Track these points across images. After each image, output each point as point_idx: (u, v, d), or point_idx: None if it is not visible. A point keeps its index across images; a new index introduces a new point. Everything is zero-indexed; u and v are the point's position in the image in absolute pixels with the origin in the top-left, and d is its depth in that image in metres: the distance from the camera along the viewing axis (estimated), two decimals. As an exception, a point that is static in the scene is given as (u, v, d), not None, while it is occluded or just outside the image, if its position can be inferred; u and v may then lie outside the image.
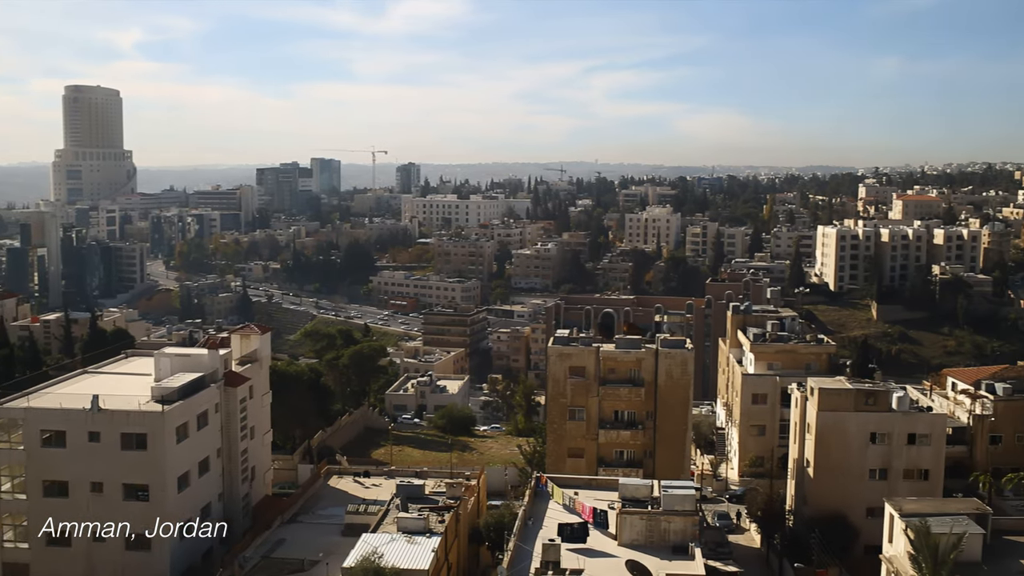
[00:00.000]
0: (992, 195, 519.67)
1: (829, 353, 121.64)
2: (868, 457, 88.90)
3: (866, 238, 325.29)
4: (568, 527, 68.82)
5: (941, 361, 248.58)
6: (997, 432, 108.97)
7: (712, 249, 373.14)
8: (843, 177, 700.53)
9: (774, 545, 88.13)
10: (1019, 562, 62.14)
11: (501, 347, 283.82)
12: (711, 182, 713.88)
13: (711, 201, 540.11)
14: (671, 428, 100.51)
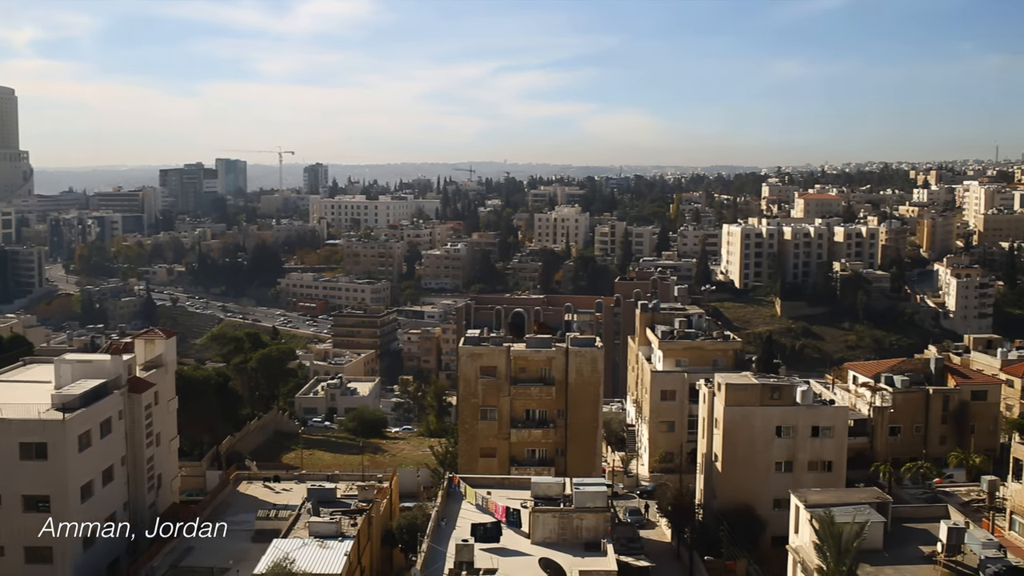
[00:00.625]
0: (889, 194, 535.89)
1: (735, 349, 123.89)
2: (774, 450, 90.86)
3: (770, 236, 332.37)
4: (481, 527, 68.86)
5: (842, 355, 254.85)
6: (896, 423, 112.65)
7: (620, 248, 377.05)
8: (747, 177, 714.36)
9: (684, 539, 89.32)
10: (918, 548, 64.20)
11: (412, 348, 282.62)
12: (619, 182, 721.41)
13: (619, 201, 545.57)
14: (582, 426, 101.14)
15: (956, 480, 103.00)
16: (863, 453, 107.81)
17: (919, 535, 66.62)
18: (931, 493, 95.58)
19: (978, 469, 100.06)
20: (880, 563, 61.48)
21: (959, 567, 60.94)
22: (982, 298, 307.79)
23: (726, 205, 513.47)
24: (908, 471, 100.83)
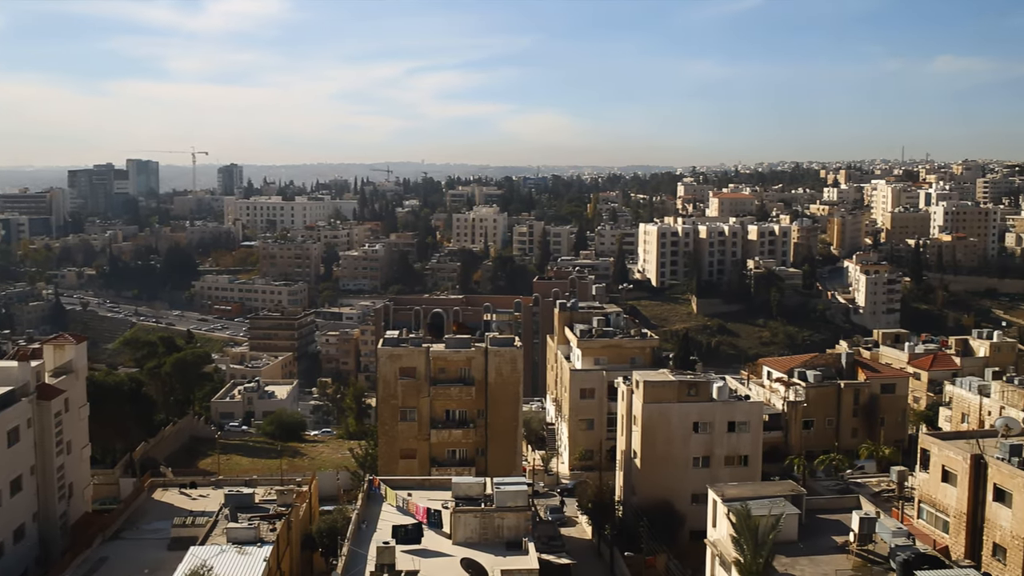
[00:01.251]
0: (800, 193, 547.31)
1: (653, 347, 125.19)
2: (691, 446, 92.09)
3: (685, 235, 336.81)
4: (402, 528, 68.55)
5: (757, 351, 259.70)
6: (809, 417, 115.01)
7: (538, 248, 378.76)
8: (663, 176, 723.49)
9: (605, 536, 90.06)
10: (831, 538, 65.64)
11: (330, 350, 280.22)
12: (536, 182, 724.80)
13: (537, 200, 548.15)
14: (502, 425, 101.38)
15: (867, 471, 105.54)
16: (778, 447, 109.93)
17: (832, 526, 68.13)
18: (843, 485, 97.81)
19: (888, 460, 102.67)
20: (795, 554, 62.72)
21: (871, 555, 62.47)
22: (890, 294, 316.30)
23: (643, 205, 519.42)
24: (821, 463, 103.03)
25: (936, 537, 73.08)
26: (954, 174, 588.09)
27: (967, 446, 73.39)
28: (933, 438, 78.71)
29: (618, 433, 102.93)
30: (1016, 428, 77.18)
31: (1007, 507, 68.14)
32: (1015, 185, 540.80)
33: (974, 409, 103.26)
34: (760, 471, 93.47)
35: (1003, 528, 68.49)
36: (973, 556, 70.16)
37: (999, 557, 68.80)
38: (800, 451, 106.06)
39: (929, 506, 76.79)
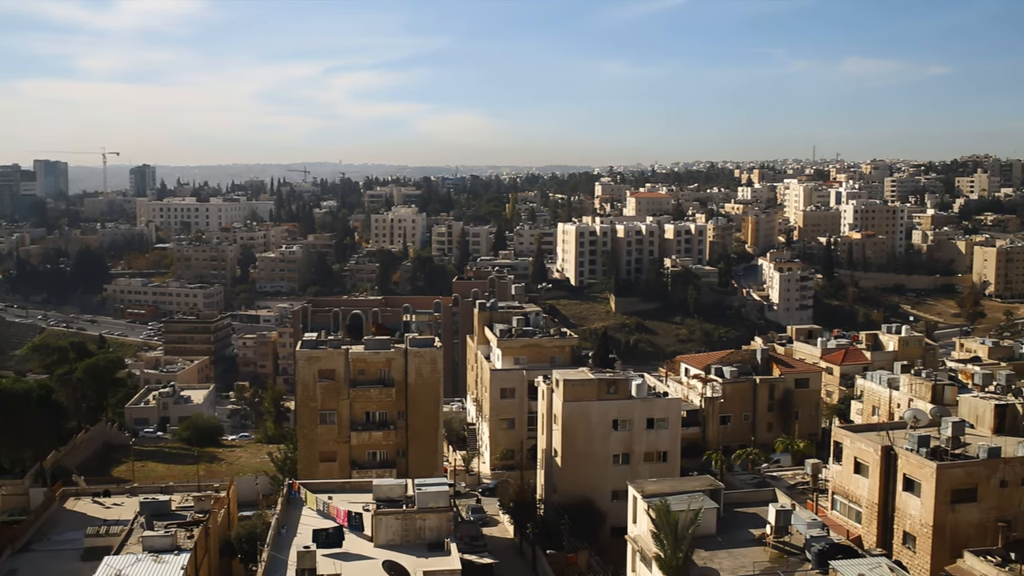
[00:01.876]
0: (715, 192, 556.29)
1: (572, 346, 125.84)
2: (611, 443, 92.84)
3: (603, 234, 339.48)
4: (323, 532, 67.90)
5: (675, 349, 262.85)
6: (726, 412, 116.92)
7: (458, 248, 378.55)
8: (581, 176, 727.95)
9: (527, 534, 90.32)
10: (748, 531, 66.75)
11: (247, 353, 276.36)
12: (455, 182, 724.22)
13: (455, 201, 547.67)
14: (423, 426, 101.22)
15: (782, 465, 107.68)
16: (696, 442, 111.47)
17: (750, 519, 69.30)
18: (760, 478, 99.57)
19: (802, 453, 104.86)
20: (714, 548, 63.66)
21: (787, 547, 63.68)
22: (803, 291, 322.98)
23: (561, 204, 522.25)
24: (738, 458, 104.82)
25: (849, 527, 74.88)
26: (863, 173, 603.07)
27: (878, 438, 75.32)
28: (845, 431, 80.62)
29: (539, 432, 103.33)
30: (924, 419, 79.47)
31: (916, 496, 70.10)
32: (921, 184, 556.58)
33: (884, 402, 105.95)
34: (679, 467, 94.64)
35: (913, 517, 70.43)
36: (885, 545, 72.05)
37: (909, 545, 70.77)
38: (718, 446, 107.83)
39: (842, 497, 78.60)
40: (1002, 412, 79.19)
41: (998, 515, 68.19)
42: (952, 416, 78.47)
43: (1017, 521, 68.87)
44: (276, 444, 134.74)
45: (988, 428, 78.61)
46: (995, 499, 69.49)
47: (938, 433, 74.68)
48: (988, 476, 69.56)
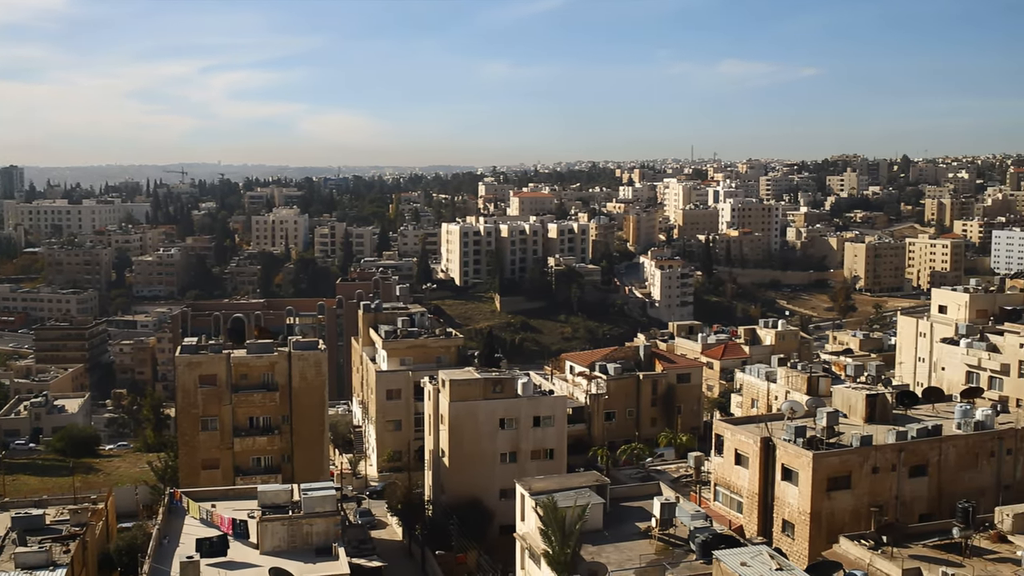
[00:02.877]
0: (597, 191, 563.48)
1: (458, 345, 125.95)
2: (498, 442, 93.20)
3: (487, 234, 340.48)
4: (207, 541, 66.47)
5: (560, 347, 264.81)
6: (611, 408, 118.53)
7: (341, 249, 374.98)
8: (464, 176, 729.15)
9: (415, 536, 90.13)
10: (634, 525, 67.86)
11: (125, 360, 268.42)
12: (337, 182, 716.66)
13: (338, 201, 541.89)
14: (308, 430, 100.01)
15: (666, 458, 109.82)
16: (582, 439, 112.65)
17: (636, 513, 70.45)
18: (645, 472, 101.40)
19: (685, 447, 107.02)
20: (601, 542, 64.51)
21: (672, 539, 64.96)
22: (683, 288, 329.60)
23: (445, 204, 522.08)
24: (623, 453, 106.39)
25: (731, 517, 76.75)
26: (740, 172, 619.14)
27: (757, 430, 77.37)
28: (726, 424, 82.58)
29: (426, 433, 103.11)
30: (800, 411, 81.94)
31: (794, 485, 72.25)
32: (794, 183, 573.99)
33: (762, 394, 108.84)
34: (566, 463, 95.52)
35: (791, 505, 72.57)
36: (765, 533, 74.08)
37: (788, 532, 72.90)
38: (603, 442, 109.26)
39: (724, 488, 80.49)
40: (873, 401, 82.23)
41: (871, 500, 70.86)
42: (826, 407, 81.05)
43: (888, 506, 71.73)
44: (156, 452, 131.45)
45: (860, 417, 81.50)
46: (868, 485, 72.15)
47: (814, 423, 77.13)
48: (861, 463, 72.18)
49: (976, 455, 77.06)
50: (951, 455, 75.84)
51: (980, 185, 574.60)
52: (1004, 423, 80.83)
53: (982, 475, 77.11)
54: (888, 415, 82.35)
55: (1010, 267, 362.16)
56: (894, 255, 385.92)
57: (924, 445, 75.09)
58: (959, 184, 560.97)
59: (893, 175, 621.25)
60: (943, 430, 77.18)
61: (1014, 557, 61.03)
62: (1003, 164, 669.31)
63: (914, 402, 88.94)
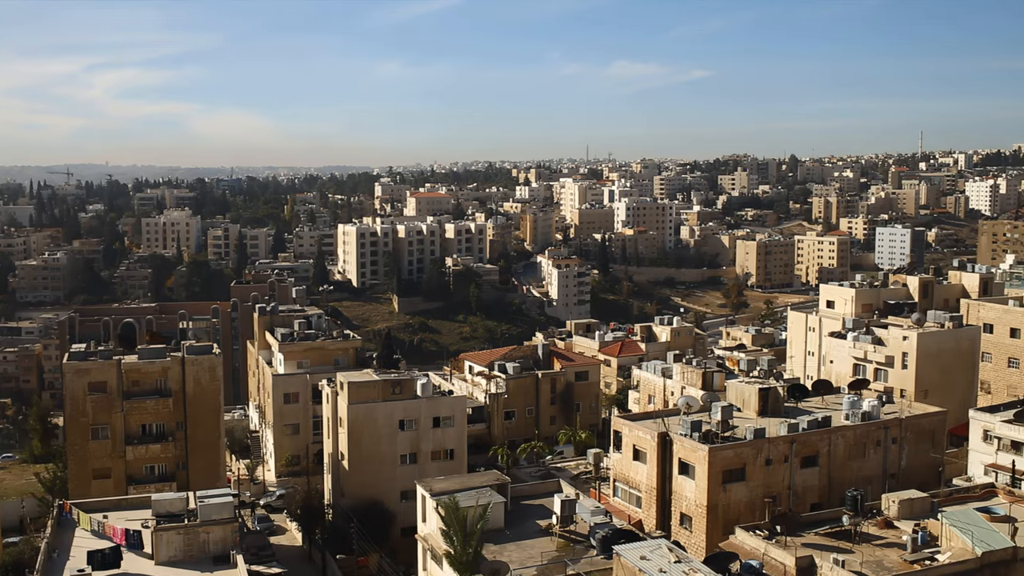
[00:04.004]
0: (494, 191, 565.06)
1: (356, 347, 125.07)
2: (398, 443, 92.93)
3: (384, 235, 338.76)
4: (99, 554, 64.65)
5: (458, 347, 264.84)
6: (511, 407, 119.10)
7: (235, 251, 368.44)
8: (360, 176, 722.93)
9: (316, 541, 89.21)
10: (536, 522, 68.32)
11: (9, 368, 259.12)
12: (231, 183, 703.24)
13: (232, 203, 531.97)
14: (203, 436, 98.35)
15: (566, 456, 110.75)
16: (482, 438, 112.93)
17: (537, 510, 70.94)
18: (545, 470, 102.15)
19: (584, 444, 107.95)
20: (503, 541, 64.77)
21: (573, 536, 65.57)
22: (580, 286, 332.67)
23: (341, 205, 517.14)
24: (523, 452, 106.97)
25: (631, 512, 77.81)
26: (634, 172, 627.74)
27: (654, 425, 78.58)
28: (624, 420, 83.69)
29: (325, 436, 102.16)
30: (696, 406, 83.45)
31: (691, 479, 73.62)
32: (687, 182, 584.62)
33: (659, 390, 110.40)
34: (466, 463, 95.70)
35: (688, 499, 73.92)
36: (664, 527, 75.27)
37: (686, 525, 74.24)
38: (503, 441, 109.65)
39: (623, 484, 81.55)
40: (765, 395, 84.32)
41: (765, 492, 72.61)
42: (721, 401, 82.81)
43: (781, 496, 73.59)
44: (44, 464, 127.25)
45: (753, 411, 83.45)
46: (762, 477, 73.94)
47: (709, 418, 78.66)
48: (755, 456, 73.93)
49: (864, 445, 79.67)
50: (840, 445, 78.25)
51: (864, 184, 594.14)
52: (889, 413, 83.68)
53: (869, 464, 79.77)
54: (780, 408, 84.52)
55: (893, 263, 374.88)
56: (784, 252, 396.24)
57: (815, 436, 77.29)
58: (844, 183, 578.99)
59: (782, 174, 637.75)
60: (832, 421, 79.63)
61: (900, 542, 63.26)
62: (885, 163, 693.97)
63: (804, 395, 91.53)
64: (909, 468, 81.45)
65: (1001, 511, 67.76)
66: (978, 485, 77.46)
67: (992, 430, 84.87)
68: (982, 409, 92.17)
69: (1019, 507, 69.08)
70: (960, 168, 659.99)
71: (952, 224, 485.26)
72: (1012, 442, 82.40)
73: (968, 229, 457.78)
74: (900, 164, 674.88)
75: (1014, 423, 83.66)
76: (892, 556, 61.54)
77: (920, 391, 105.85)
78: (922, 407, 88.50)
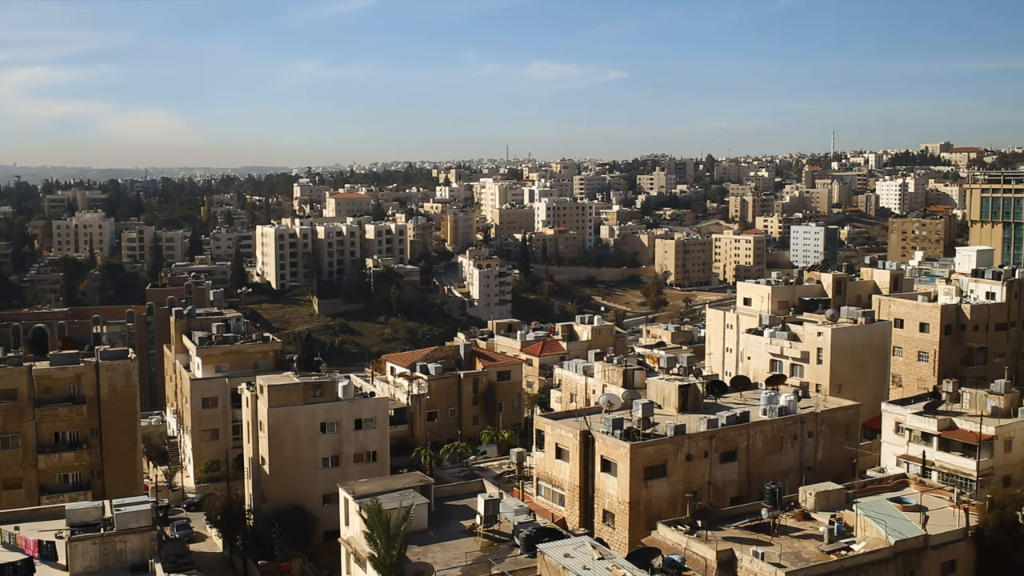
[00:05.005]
0: (414, 191, 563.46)
1: (275, 350, 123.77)
2: (320, 446, 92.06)
3: (304, 236, 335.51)
4: (10, 566, 63.00)
5: (380, 348, 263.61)
6: (433, 408, 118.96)
7: (151, 254, 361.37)
8: (278, 177, 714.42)
9: (236, 547, 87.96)
10: (459, 523, 68.34)
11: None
12: (145, 184, 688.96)
13: (147, 204, 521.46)
14: (119, 443, 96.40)
15: (489, 456, 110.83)
16: (405, 440, 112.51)
17: (460, 511, 70.95)
18: (468, 470, 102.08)
19: (507, 443, 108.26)
20: (427, 542, 64.64)
21: (497, 535, 65.71)
22: (501, 286, 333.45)
23: (259, 206, 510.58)
24: (446, 452, 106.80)
25: (554, 511, 78.23)
26: (554, 172, 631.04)
27: (576, 424, 79.13)
28: (546, 419, 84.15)
29: (244, 440, 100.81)
30: (617, 403, 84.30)
31: (613, 476, 74.27)
32: (606, 182, 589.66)
33: (581, 389, 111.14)
34: (389, 465, 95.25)
35: (611, 496, 74.56)
36: (587, 524, 75.88)
37: (609, 522, 74.88)
38: (426, 442, 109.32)
39: (546, 482, 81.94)
40: (685, 392, 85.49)
41: (686, 487, 73.60)
42: (642, 398, 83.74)
43: (702, 491, 74.66)
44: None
45: (674, 407, 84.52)
46: (683, 473, 74.93)
47: (630, 415, 79.46)
48: (676, 452, 74.87)
49: (781, 439, 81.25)
50: (758, 440, 79.68)
51: (779, 183, 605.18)
52: (805, 408, 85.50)
53: (787, 458, 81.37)
54: (700, 404, 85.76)
55: (807, 260, 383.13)
56: (702, 251, 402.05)
57: (733, 432, 78.58)
58: (760, 182, 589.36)
59: (699, 174, 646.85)
60: (750, 417, 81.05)
61: (817, 533, 64.69)
62: (799, 163, 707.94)
63: (723, 391, 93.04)
64: (825, 461, 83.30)
65: (913, 500, 69.82)
66: (891, 476, 79.69)
67: (903, 422, 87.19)
68: (894, 402, 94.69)
69: (930, 496, 71.22)
70: (871, 168, 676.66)
71: (863, 222, 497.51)
72: (923, 433, 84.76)
73: (879, 227, 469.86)
74: (813, 164, 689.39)
75: (924, 415, 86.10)
76: (809, 547, 62.87)
77: (835, 385, 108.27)
78: (837, 401, 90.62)
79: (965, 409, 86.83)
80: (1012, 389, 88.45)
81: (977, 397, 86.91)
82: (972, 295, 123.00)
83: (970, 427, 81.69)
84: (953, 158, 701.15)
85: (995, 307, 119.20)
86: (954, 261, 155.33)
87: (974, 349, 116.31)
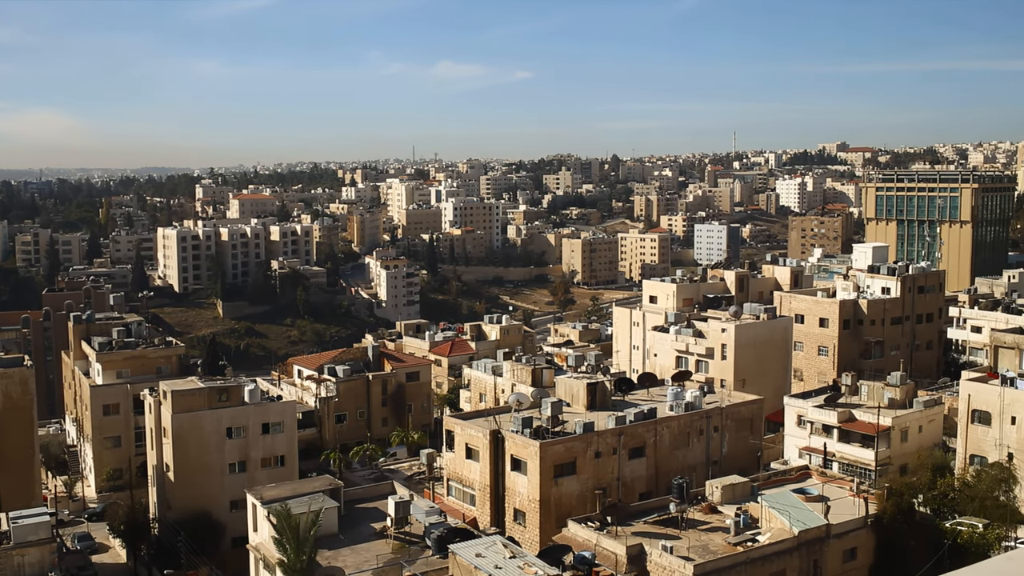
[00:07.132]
0: (320, 192, 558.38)
1: (179, 354, 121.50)
2: (226, 452, 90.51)
3: (207, 238, 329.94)
4: (-100, 582, 60.73)
5: (287, 351, 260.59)
6: (342, 411, 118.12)
7: (46, 257, 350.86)
8: (180, 178, 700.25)
9: (141, 557, 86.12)
10: (370, 525, 67.99)
11: None
12: (40, 186, 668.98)
13: (42, 207, 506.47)
14: (15, 454, 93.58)
15: (399, 457, 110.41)
16: (313, 443, 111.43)
17: (371, 513, 70.56)
18: (378, 472, 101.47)
19: (417, 444, 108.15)
20: (337, 546, 64.12)
21: (408, 537, 65.51)
22: (409, 287, 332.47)
23: (160, 208, 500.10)
24: (356, 455, 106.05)
25: (465, 511, 78.27)
26: (461, 172, 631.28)
27: (486, 423, 79.34)
28: (456, 419, 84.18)
29: (148, 447, 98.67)
30: (526, 402, 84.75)
31: (523, 475, 74.66)
32: (513, 182, 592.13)
33: (490, 388, 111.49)
34: (297, 469, 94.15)
35: (521, 494, 74.93)
36: (498, 523, 76.13)
37: (520, 521, 75.24)
38: (335, 445, 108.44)
39: (457, 483, 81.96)
40: (593, 389, 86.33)
41: (595, 484, 74.32)
42: (551, 397, 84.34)
43: (611, 487, 75.50)
44: None
45: (582, 405, 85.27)
46: (592, 469, 75.66)
47: (539, 414, 79.94)
48: (585, 449, 75.57)
49: (687, 434, 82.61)
50: (666, 436, 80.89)
51: (682, 183, 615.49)
52: (711, 403, 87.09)
53: (693, 452, 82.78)
54: (608, 402, 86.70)
55: (711, 258, 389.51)
56: (608, 249, 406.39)
57: (641, 428, 79.64)
58: (664, 182, 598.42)
59: (604, 174, 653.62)
60: (657, 413, 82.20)
61: (724, 526, 65.98)
62: (702, 163, 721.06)
63: (631, 388, 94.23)
64: (730, 454, 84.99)
65: (815, 491, 71.73)
66: (794, 468, 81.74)
67: (805, 415, 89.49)
68: (796, 396, 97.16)
69: (831, 487, 73.25)
70: (771, 167, 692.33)
71: (764, 220, 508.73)
72: (823, 426, 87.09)
73: (779, 225, 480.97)
74: (715, 163, 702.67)
75: (825, 408, 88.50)
76: (717, 540, 64.09)
77: (739, 380, 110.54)
78: (741, 396, 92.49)
79: (863, 401, 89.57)
80: (907, 381, 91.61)
81: (875, 389, 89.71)
82: (869, 291, 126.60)
83: (868, 418, 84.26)
84: (849, 158, 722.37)
85: (891, 302, 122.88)
86: (851, 258, 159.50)
87: (871, 343, 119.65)
